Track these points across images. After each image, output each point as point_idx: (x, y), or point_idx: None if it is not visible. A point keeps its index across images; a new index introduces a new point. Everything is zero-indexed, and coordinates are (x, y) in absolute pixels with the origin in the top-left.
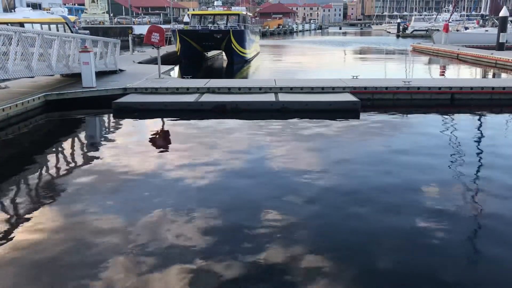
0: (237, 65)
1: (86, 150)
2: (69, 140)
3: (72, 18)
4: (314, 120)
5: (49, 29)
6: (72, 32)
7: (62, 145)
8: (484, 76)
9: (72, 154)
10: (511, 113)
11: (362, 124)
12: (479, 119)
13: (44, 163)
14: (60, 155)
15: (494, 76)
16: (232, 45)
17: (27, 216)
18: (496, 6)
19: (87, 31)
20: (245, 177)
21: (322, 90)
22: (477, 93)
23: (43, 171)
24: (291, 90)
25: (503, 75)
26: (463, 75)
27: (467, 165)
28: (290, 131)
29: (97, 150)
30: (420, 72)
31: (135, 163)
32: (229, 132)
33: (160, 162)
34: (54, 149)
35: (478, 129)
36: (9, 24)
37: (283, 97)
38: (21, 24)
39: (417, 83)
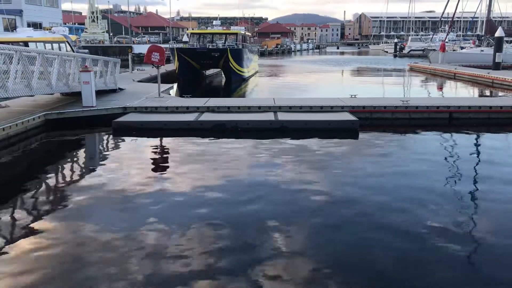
0: (235, 84)
1: (86, 170)
2: (69, 160)
3: (73, 37)
4: (313, 139)
5: (52, 48)
6: (73, 51)
7: (62, 165)
8: (482, 95)
9: (72, 174)
10: (509, 132)
11: (361, 143)
12: (477, 139)
13: (45, 182)
14: (60, 175)
15: (491, 95)
16: (230, 63)
17: (27, 236)
18: (491, 27)
19: (86, 50)
20: (245, 197)
21: (321, 109)
22: (475, 112)
23: (43, 191)
24: (290, 109)
25: (500, 94)
26: (461, 94)
27: (466, 185)
28: (289, 150)
29: (97, 169)
30: (418, 91)
31: (135, 182)
32: (229, 152)
33: (161, 182)
34: (54, 169)
35: (477, 149)
36: (13, 43)
37: (282, 116)
38: (26, 43)
39: (415, 102)
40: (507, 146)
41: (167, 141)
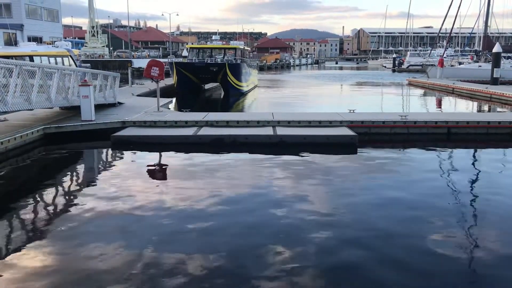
0: (234, 98)
1: (84, 184)
2: (68, 174)
3: (76, 51)
4: (312, 154)
5: (56, 62)
6: (76, 65)
7: (61, 179)
8: (480, 110)
9: (70, 188)
10: (507, 147)
11: (359, 159)
12: (476, 154)
13: (43, 196)
14: (59, 189)
15: (489, 110)
16: (228, 77)
17: (24, 250)
18: (488, 42)
19: (88, 65)
20: (244, 212)
21: (320, 124)
22: (473, 127)
23: (42, 205)
24: (289, 123)
25: (498, 109)
26: (459, 109)
27: (465, 200)
28: (288, 165)
29: (96, 184)
30: (417, 106)
31: (134, 197)
32: (228, 166)
33: (159, 197)
34: (52, 183)
35: (476, 164)
36: (17, 58)
37: (281, 131)
38: (31, 58)
39: (414, 117)
40: (506, 161)
41: (166, 156)
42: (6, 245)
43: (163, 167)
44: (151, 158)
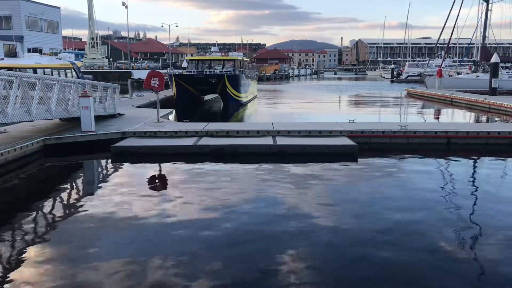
0: (233, 109)
1: (85, 195)
2: (68, 185)
3: (79, 63)
4: (312, 164)
5: (59, 74)
6: (78, 76)
7: (61, 190)
8: (479, 120)
9: (71, 199)
10: (507, 157)
11: (359, 169)
12: (476, 164)
13: (43, 208)
14: (59, 200)
15: (488, 120)
16: (227, 89)
17: (24, 262)
18: (486, 53)
19: (91, 76)
20: (244, 221)
21: (320, 133)
22: (473, 138)
23: (42, 217)
24: (289, 133)
25: (497, 119)
26: (458, 119)
27: (465, 211)
28: (288, 175)
29: (96, 195)
30: (416, 117)
31: (134, 208)
32: (228, 176)
33: (160, 207)
34: (53, 194)
35: (476, 175)
36: (20, 70)
37: (281, 141)
38: (34, 70)
39: (414, 127)
40: (506, 171)
41: (166, 166)
42: (5, 256)
43: (164, 177)
44: (152, 168)
